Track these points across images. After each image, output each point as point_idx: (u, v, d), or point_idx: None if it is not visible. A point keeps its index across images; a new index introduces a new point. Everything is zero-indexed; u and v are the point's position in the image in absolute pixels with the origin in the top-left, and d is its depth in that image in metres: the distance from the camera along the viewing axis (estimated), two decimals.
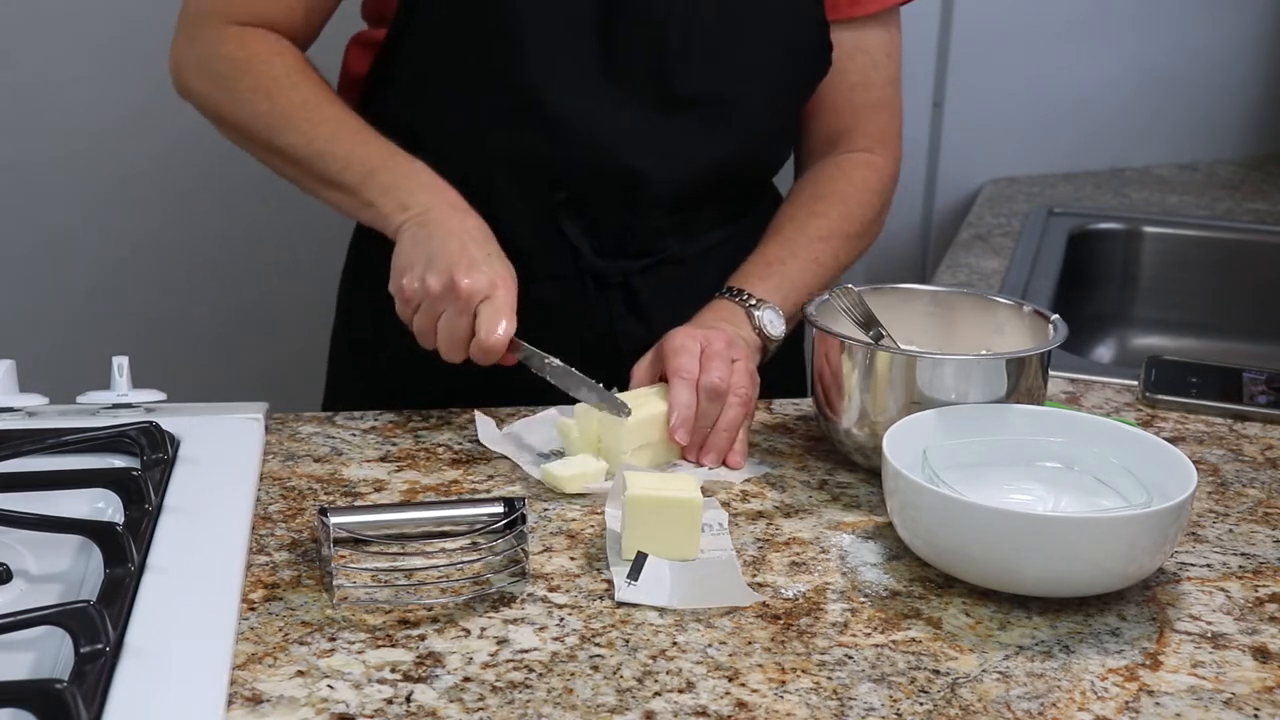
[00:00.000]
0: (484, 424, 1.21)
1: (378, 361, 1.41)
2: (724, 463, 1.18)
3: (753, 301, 1.28)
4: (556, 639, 0.92)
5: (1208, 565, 1.05)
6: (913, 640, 0.94)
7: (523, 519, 1.01)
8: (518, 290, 1.19)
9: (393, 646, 0.91)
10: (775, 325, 1.28)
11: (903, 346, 1.19)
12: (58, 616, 0.84)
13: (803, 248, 1.34)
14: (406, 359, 1.35)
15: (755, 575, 1.01)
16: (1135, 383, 1.39)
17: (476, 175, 1.28)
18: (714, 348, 1.19)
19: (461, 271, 1.16)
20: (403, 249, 1.21)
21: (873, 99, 1.41)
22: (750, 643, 0.93)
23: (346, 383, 1.47)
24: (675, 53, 1.28)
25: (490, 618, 0.95)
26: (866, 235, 1.40)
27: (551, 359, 1.19)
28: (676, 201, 1.34)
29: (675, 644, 0.92)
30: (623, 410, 1.15)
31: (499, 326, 1.16)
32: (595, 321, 1.34)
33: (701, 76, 1.30)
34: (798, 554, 1.04)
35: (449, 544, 1.02)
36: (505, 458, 1.18)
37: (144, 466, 1.07)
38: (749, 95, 1.33)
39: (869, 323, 1.19)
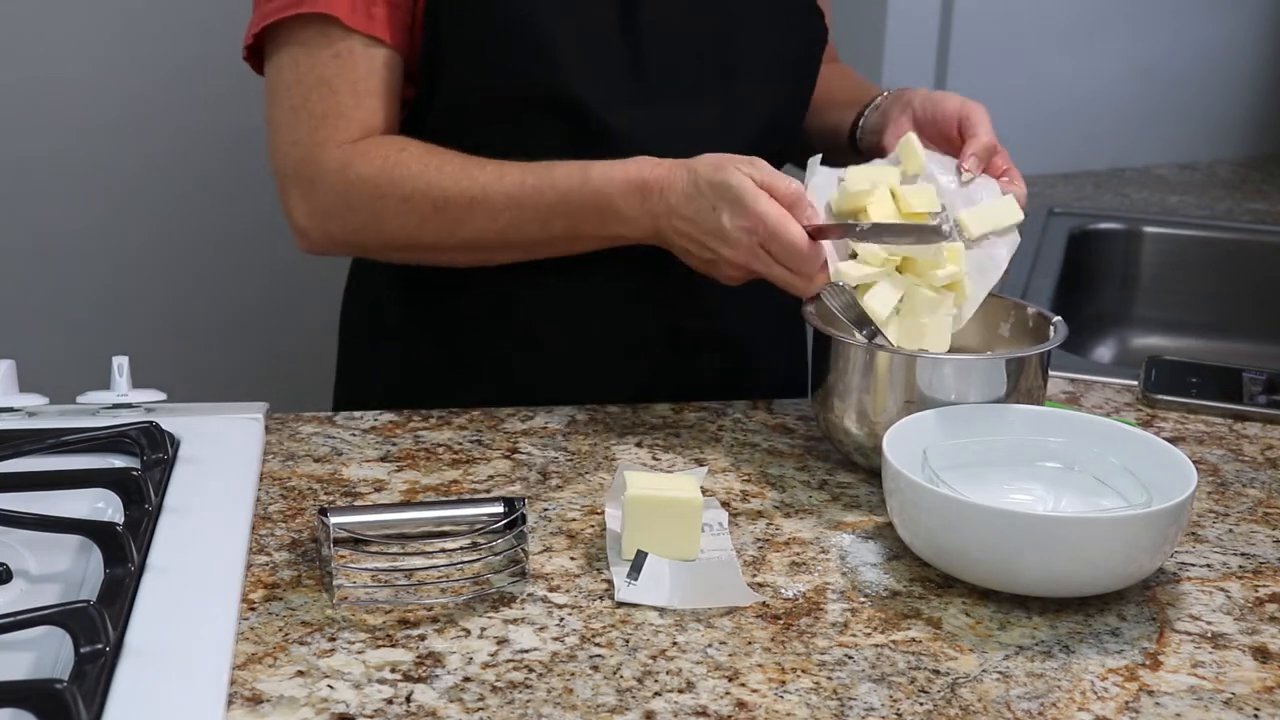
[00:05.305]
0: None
1: (410, 360, 1.40)
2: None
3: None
4: (556, 639, 0.92)
5: (1208, 565, 1.05)
6: (913, 640, 0.94)
7: (523, 519, 1.01)
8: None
9: (393, 646, 0.91)
10: None
11: (902, 346, 1.19)
12: (58, 616, 0.84)
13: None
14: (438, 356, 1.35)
15: (755, 575, 1.01)
16: (1135, 383, 1.39)
17: None
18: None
19: (726, 271, 1.18)
20: (684, 250, 1.20)
21: (832, 54, 1.51)
22: (750, 643, 0.93)
23: (364, 383, 1.46)
24: (696, 42, 1.29)
25: (490, 618, 0.95)
26: None
27: (860, 223, 1.17)
28: None
29: (675, 644, 0.92)
30: (950, 235, 1.15)
31: (794, 245, 1.13)
32: (657, 314, 1.34)
33: (718, 61, 1.31)
34: (798, 554, 1.04)
35: (449, 544, 1.02)
36: (505, 457, 1.18)
37: (144, 466, 1.07)
38: (763, 73, 1.34)
39: (861, 322, 1.19)
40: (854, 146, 1.36)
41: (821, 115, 1.43)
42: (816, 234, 1.14)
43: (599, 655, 0.91)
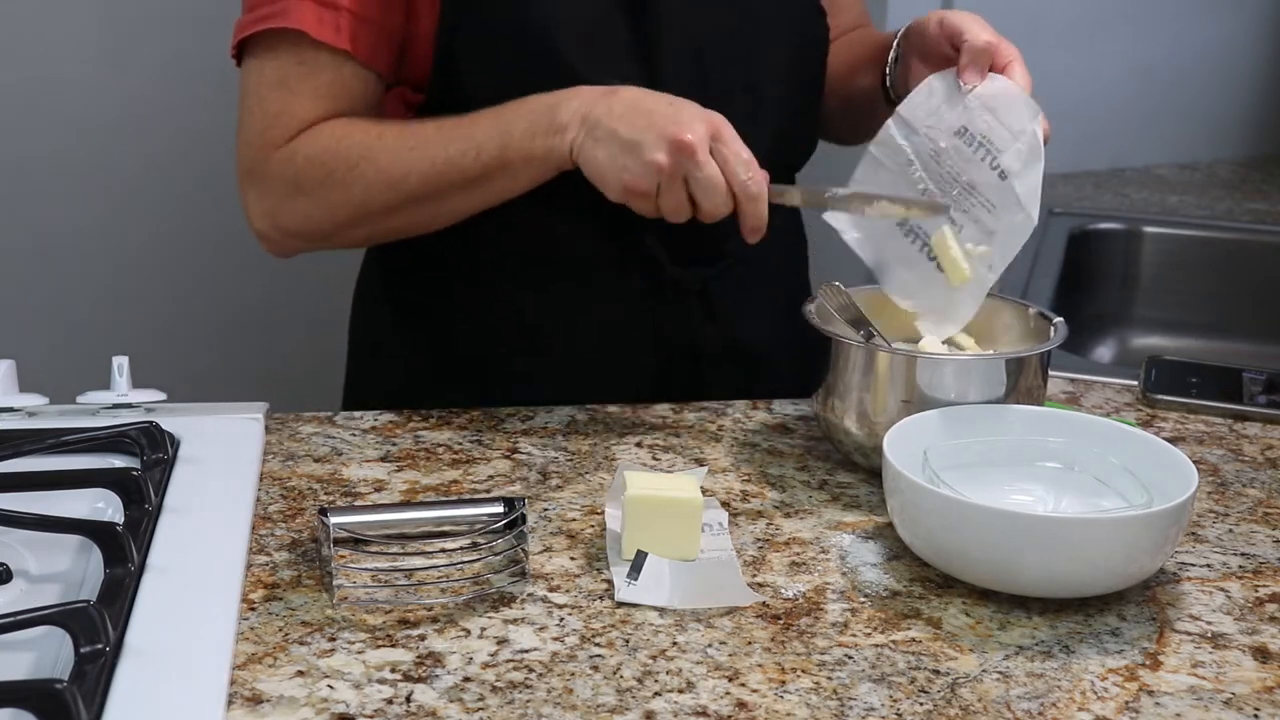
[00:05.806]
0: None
1: (420, 358, 1.39)
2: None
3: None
4: (556, 639, 0.92)
5: (1208, 565, 1.05)
6: (913, 640, 0.94)
7: (523, 519, 1.01)
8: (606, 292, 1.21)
9: (393, 646, 0.91)
10: None
11: (901, 346, 1.19)
12: (58, 616, 0.84)
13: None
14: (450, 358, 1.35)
15: (755, 575, 1.01)
16: (1135, 383, 1.39)
17: (547, 193, 1.25)
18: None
19: (675, 129, 1.13)
20: (596, 158, 1.16)
21: (863, 22, 1.54)
22: (750, 643, 0.93)
23: (370, 382, 1.46)
24: (708, 53, 1.29)
25: (490, 618, 0.95)
26: None
27: (834, 190, 1.17)
28: None
29: (675, 644, 0.92)
30: (941, 209, 1.16)
31: (747, 167, 1.14)
32: (676, 330, 1.34)
33: (732, 72, 1.30)
34: (798, 554, 1.04)
35: (449, 544, 1.02)
36: (505, 457, 1.18)
37: (144, 466, 1.07)
38: (774, 81, 1.33)
39: (858, 322, 1.19)
40: (889, 100, 1.35)
41: (853, 81, 1.42)
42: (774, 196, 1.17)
43: (599, 655, 0.91)
